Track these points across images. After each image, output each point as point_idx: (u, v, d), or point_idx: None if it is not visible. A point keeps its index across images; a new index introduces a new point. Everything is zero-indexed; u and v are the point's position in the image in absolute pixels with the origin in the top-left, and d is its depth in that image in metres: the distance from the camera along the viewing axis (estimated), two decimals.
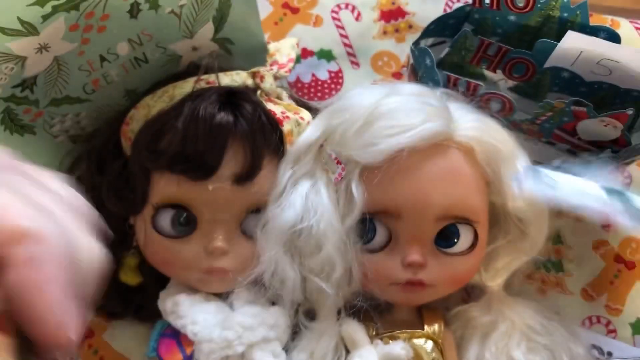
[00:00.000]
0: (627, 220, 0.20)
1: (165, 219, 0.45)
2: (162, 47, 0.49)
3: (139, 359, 0.52)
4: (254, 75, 0.49)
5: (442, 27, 0.57)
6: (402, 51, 0.66)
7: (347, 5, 0.68)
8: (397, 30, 0.67)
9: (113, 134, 0.50)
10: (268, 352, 0.44)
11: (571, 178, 0.21)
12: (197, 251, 0.45)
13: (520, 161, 0.45)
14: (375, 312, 0.46)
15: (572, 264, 0.55)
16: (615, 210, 0.21)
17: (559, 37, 0.49)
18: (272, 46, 0.53)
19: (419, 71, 0.54)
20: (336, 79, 0.65)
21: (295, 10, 0.67)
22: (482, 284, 0.49)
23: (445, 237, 0.44)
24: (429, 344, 0.45)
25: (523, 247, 0.47)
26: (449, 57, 0.55)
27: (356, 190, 0.43)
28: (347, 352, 0.45)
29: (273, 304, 0.46)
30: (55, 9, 0.39)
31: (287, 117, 0.47)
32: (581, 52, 0.49)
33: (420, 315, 0.47)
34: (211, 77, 0.47)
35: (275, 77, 0.49)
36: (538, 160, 0.51)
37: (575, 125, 0.50)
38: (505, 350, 0.45)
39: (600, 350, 0.52)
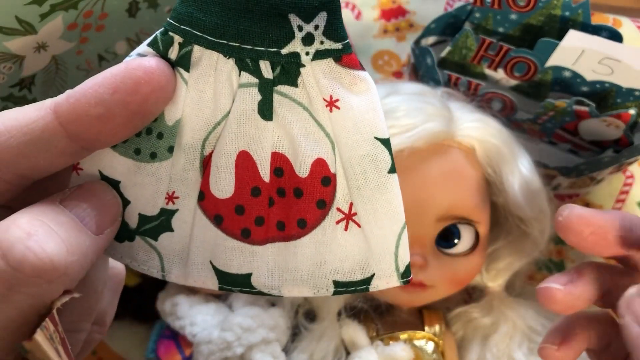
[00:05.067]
0: None
1: None
2: None
3: None
4: None
5: (443, 26, 0.57)
6: (403, 50, 0.66)
7: (347, 4, 0.68)
8: (397, 29, 0.67)
9: None
10: (267, 354, 0.43)
11: None
12: None
13: (522, 161, 0.45)
14: (375, 313, 0.46)
15: (574, 264, 0.55)
16: None
17: (560, 36, 0.49)
18: None
19: (419, 70, 0.54)
20: None
21: None
22: (483, 284, 0.49)
23: (446, 238, 0.44)
24: (430, 345, 0.45)
25: (524, 247, 0.47)
26: (449, 56, 0.55)
27: None
28: (347, 353, 0.45)
29: (273, 305, 0.46)
30: (54, 8, 0.39)
31: None
32: (583, 51, 0.49)
33: (420, 316, 0.47)
34: None
35: None
36: (539, 160, 0.51)
37: (577, 124, 0.50)
38: (507, 351, 0.45)
39: None
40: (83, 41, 0.43)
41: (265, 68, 0.18)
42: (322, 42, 0.18)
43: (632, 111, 0.47)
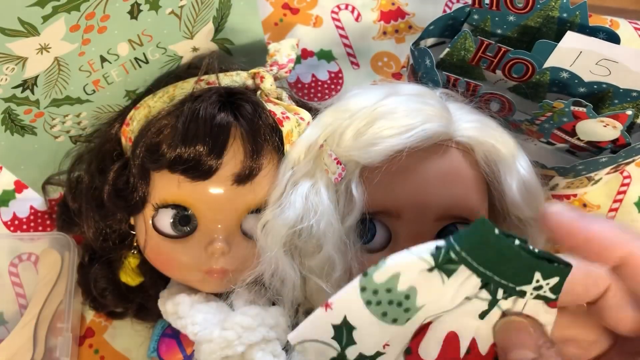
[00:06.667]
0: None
1: (166, 219, 0.45)
2: (163, 48, 0.49)
3: (139, 359, 0.52)
4: (254, 75, 0.49)
5: (442, 27, 0.57)
6: (402, 52, 0.66)
7: (347, 6, 0.68)
8: (396, 31, 0.67)
9: (113, 135, 0.50)
10: (268, 352, 0.44)
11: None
12: (197, 252, 0.45)
13: (520, 161, 0.45)
14: None
15: None
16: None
17: (558, 37, 0.50)
18: (272, 47, 0.53)
19: (418, 71, 0.54)
20: (336, 79, 0.65)
21: (295, 11, 0.68)
22: None
23: (445, 237, 0.44)
24: None
25: None
26: (448, 57, 0.55)
27: (356, 190, 0.43)
28: None
29: (273, 304, 0.46)
30: (56, 10, 0.39)
31: (287, 117, 0.47)
32: (580, 52, 0.49)
33: None
34: (211, 78, 0.48)
35: (275, 78, 0.49)
36: (537, 161, 0.51)
37: (574, 125, 0.50)
38: None
39: None
40: (85, 43, 0.43)
41: (500, 293, 0.25)
42: (545, 292, 0.25)
43: (629, 112, 0.48)
